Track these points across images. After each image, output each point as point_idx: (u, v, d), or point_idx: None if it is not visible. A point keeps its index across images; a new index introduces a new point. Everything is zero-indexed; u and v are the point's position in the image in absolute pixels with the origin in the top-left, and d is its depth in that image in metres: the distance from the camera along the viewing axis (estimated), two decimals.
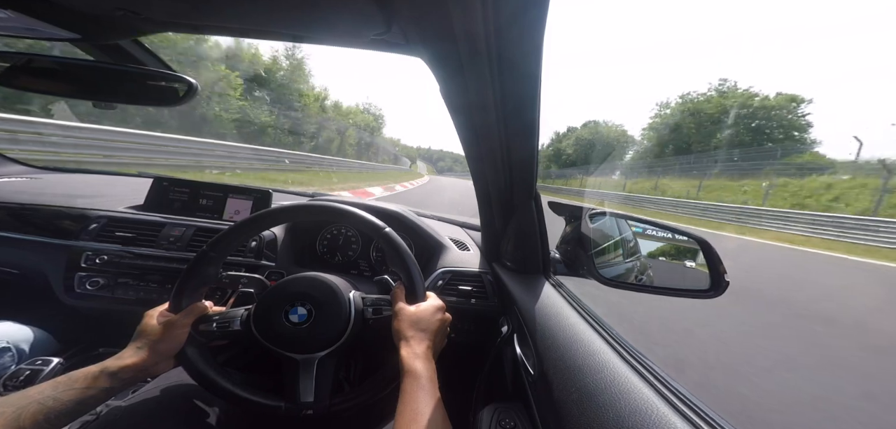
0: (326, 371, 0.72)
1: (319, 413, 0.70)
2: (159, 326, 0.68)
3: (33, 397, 0.53)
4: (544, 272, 1.04)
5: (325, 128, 30.51)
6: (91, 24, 0.61)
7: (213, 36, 0.76)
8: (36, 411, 0.52)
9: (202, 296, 0.77)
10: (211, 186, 1.38)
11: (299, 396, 0.70)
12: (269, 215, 0.81)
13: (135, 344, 0.66)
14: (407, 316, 0.70)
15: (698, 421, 0.43)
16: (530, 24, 0.49)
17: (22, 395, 0.53)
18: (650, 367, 0.56)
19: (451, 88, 0.70)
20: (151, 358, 0.66)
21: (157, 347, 0.67)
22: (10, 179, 1.46)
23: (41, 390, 0.54)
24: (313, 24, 0.64)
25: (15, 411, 0.50)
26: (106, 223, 1.19)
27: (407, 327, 0.68)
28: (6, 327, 0.94)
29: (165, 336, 0.68)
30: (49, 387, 0.55)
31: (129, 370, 0.63)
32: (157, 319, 0.69)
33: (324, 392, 0.71)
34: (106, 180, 1.73)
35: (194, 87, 0.76)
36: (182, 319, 0.71)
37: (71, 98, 0.77)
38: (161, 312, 0.71)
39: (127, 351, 0.65)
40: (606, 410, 0.49)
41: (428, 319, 0.70)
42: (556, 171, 62.89)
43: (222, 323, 0.75)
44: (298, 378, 0.71)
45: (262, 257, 1.19)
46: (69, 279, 1.13)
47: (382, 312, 0.78)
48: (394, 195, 12.20)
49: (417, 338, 0.67)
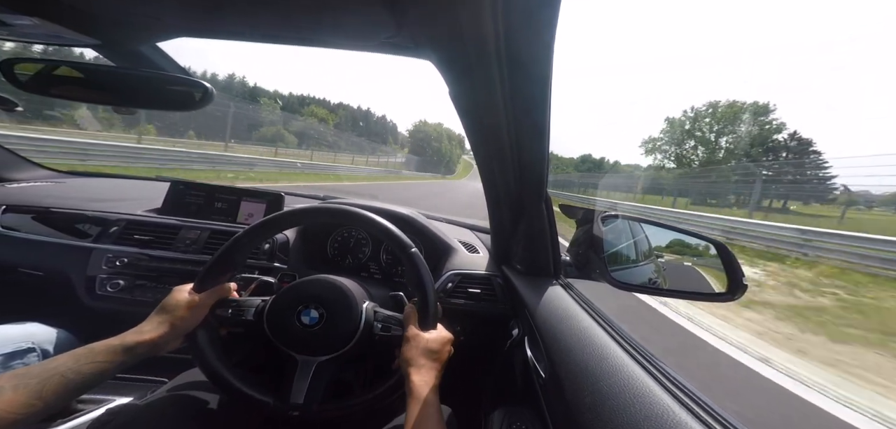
0: (322, 377, 0.72)
1: (305, 418, 0.70)
2: (183, 303, 0.70)
3: (55, 368, 0.55)
4: (555, 275, 1.03)
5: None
6: (112, 30, 0.63)
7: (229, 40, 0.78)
8: (58, 383, 0.54)
9: (227, 281, 0.79)
10: (225, 189, 1.41)
11: (290, 396, 0.70)
12: (305, 213, 0.84)
13: (156, 318, 0.68)
14: (421, 343, 0.70)
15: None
16: (541, 26, 0.49)
17: (43, 366, 0.55)
18: (667, 372, 0.54)
19: (461, 90, 0.70)
20: (167, 334, 0.67)
21: (175, 324, 0.68)
22: (36, 184, 1.51)
23: (63, 361, 0.56)
24: (324, 28, 0.65)
25: (38, 383, 0.52)
26: (125, 226, 1.22)
27: (419, 355, 0.68)
28: (31, 327, 0.96)
29: (185, 314, 0.70)
30: (70, 359, 0.57)
31: (146, 345, 0.64)
32: (181, 297, 0.71)
33: (314, 397, 0.70)
34: (125, 184, 1.78)
35: (210, 92, 0.77)
36: (205, 300, 0.72)
37: (93, 103, 0.79)
38: (187, 290, 0.72)
39: (146, 325, 0.67)
40: (621, 414, 0.48)
41: (439, 350, 0.70)
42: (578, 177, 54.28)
43: (238, 310, 0.76)
44: (293, 379, 0.71)
45: (274, 259, 1.21)
46: (90, 281, 1.17)
47: (391, 331, 0.77)
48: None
49: (428, 367, 0.67)
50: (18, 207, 1.24)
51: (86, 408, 0.98)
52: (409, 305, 0.78)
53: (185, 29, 0.70)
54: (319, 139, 30.41)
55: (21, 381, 0.51)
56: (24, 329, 0.94)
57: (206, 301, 0.73)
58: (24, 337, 0.92)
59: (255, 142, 22.23)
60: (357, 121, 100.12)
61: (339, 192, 1.94)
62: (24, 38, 0.67)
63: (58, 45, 0.70)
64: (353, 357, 0.76)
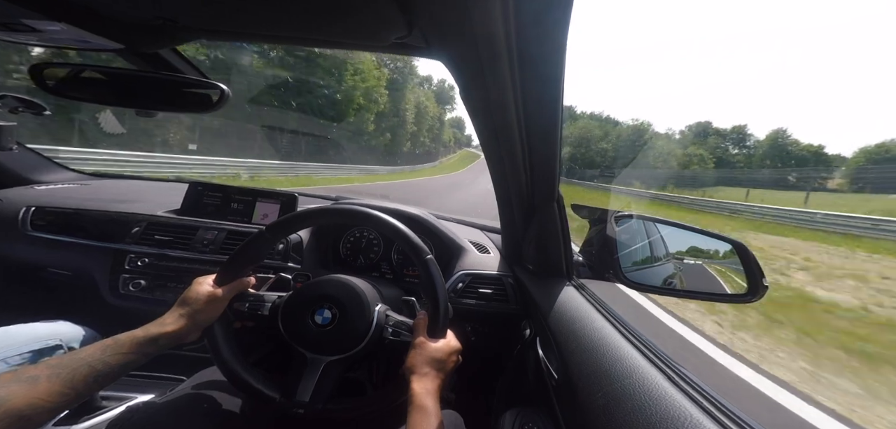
0: (330, 376, 0.73)
1: (309, 416, 0.70)
2: (203, 296, 0.72)
3: (84, 359, 0.58)
4: (567, 275, 1.01)
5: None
6: (134, 34, 0.66)
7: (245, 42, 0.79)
8: (87, 373, 0.57)
9: (247, 275, 0.80)
10: (241, 190, 1.44)
11: (296, 394, 0.70)
12: (323, 212, 0.86)
13: (177, 310, 0.70)
14: (427, 351, 0.70)
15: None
16: (552, 25, 0.49)
17: (73, 357, 0.57)
18: (683, 372, 0.53)
19: (472, 90, 0.70)
20: (188, 326, 0.69)
21: (196, 316, 0.70)
22: (63, 186, 1.57)
23: (91, 353, 0.59)
24: (338, 30, 0.66)
25: (69, 372, 0.55)
26: (146, 227, 1.26)
27: (423, 363, 0.68)
28: (59, 326, 1.00)
29: (206, 307, 0.71)
30: (98, 350, 0.60)
31: (168, 337, 0.67)
32: (203, 288, 0.73)
33: (320, 396, 0.71)
34: (146, 186, 1.83)
35: (226, 94, 0.79)
36: (225, 294, 0.74)
37: (116, 106, 0.82)
38: (208, 282, 0.74)
39: (168, 317, 0.69)
40: (636, 416, 0.47)
41: (444, 360, 0.70)
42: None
43: (254, 305, 0.78)
44: (301, 377, 0.72)
45: (288, 259, 1.23)
46: (114, 281, 1.21)
47: (400, 337, 0.78)
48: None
49: (431, 375, 0.67)
50: (46, 209, 1.29)
51: (108, 405, 1.02)
52: (422, 315, 0.78)
53: (202, 32, 0.72)
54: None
55: (54, 371, 0.54)
56: (52, 327, 0.98)
57: (226, 295, 0.75)
58: (52, 335, 0.96)
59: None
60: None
61: (351, 192, 1.96)
62: (51, 44, 0.70)
63: (82, 50, 0.73)
64: (362, 358, 0.77)
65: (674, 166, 45.82)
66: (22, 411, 0.49)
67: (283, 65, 19.93)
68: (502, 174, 0.97)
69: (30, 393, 0.51)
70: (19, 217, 1.24)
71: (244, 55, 16.97)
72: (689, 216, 18.25)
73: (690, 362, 2.84)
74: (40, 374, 0.53)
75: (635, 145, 55.16)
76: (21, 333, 0.92)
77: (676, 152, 50.94)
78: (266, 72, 19.14)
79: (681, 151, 50.38)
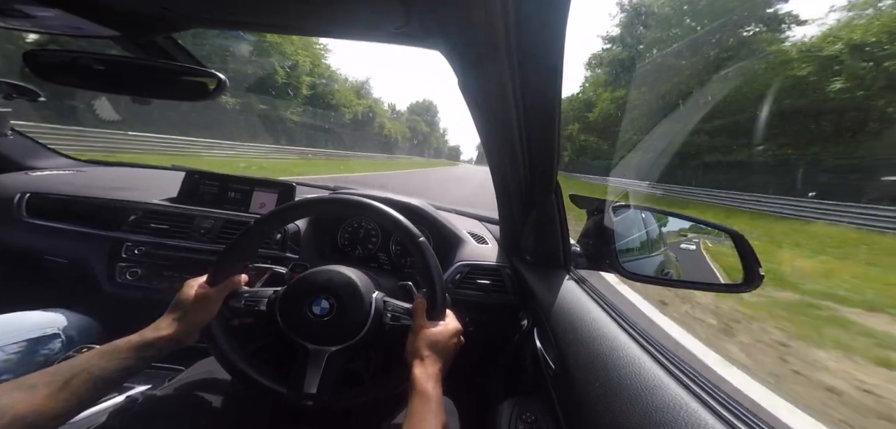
0: (334, 366, 0.73)
1: (319, 407, 0.71)
2: (195, 297, 0.71)
3: (82, 366, 0.57)
4: (565, 266, 1.02)
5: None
6: (131, 22, 0.65)
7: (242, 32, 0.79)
8: (86, 379, 0.56)
9: (240, 272, 0.80)
10: (238, 179, 1.43)
11: (304, 386, 0.71)
12: (316, 202, 0.85)
13: (171, 314, 0.70)
14: (426, 336, 0.70)
15: (735, 421, 0.41)
16: (552, 15, 0.48)
17: (72, 364, 0.57)
18: (679, 363, 0.54)
19: (470, 81, 0.69)
20: (184, 329, 0.69)
21: (190, 318, 0.70)
22: (59, 172, 1.56)
23: (89, 358, 0.59)
24: (336, 19, 0.65)
25: (68, 379, 0.55)
26: (143, 215, 1.25)
27: (423, 347, 0.68)
28: (56, 315, 1.00)
29: (200, 308, 0.71)
30: (96, 356, 0.60)
31: (164, 341, 0.66)
32: (195, 291, 0.72)
33: (327, 386, 0.71)
34: (143, 173, 1.82)
35: (223, 82, 0.78)
36: (218, 293, 0.73)
37: (112, 93, 0.81)
38: (199, 284, 0.74)
39: (163, 321, 0.69)
40: (632, 404, 0.48)
41: (444, 343, 0.70)
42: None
43: (250, 301, 0.77)
44: (306, 369, 0.72)
45: (286, 249, 1.23)
46: (111, 269, 1.21)
47: (400, 321, 0.78)
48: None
49: (432, 359, 0.67)
50: (42, 194, 1.28)
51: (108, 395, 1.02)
52: (419, 298, 0.78)
53: (199, 20, 0.71)
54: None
55: (52, 379, 0.54)
56: (48, 316, 0.98)
57: (220, 294, 0.74)
58: (49, 324, 0.96)
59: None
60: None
61: (350, 182, 1.95)
62: (46, 30, 0.69)
63: (77, 37, 0.72)
64: (363, 346, 0.77)
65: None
66: (26, 418, 0.49)
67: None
68: (501, 166, 0.97)
69: (31, 401, 0.51)
70: (14, 202, 1.23)
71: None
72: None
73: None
74: (38, 382, 0.53)
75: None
76: (18, 321, 0.92)
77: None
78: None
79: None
